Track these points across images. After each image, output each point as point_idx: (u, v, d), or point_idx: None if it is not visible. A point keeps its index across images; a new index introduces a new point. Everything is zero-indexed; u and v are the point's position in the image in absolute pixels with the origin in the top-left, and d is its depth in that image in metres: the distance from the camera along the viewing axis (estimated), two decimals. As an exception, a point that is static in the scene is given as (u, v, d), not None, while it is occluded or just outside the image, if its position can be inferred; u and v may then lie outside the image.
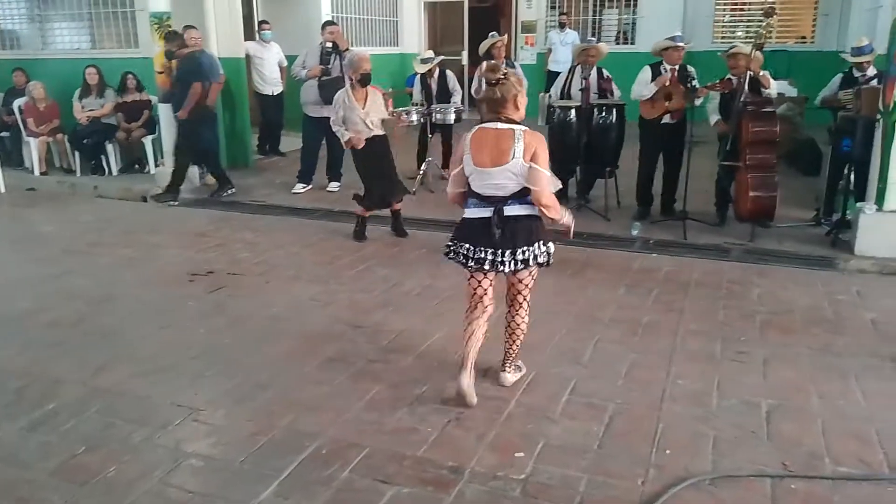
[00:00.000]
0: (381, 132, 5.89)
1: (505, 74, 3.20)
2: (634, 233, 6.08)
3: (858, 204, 5.58)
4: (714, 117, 6.09)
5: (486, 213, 3.20)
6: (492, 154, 3.13)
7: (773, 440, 3.09)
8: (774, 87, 6.00)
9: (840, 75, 6.18)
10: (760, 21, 5.91)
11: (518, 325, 3.44)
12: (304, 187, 7.62)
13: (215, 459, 2.95)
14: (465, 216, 3.32)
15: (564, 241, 3.81)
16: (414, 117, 7.58)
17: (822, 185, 6.30)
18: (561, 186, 3.69)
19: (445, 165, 8.32)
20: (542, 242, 3.29)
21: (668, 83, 6.03)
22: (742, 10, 12.86)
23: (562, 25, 12.15)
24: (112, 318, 4.46)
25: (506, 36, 7.96)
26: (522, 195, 3.18)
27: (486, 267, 3.23)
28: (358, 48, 10.75)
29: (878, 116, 5.31)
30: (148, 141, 8.59)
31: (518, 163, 3.10)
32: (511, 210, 3.19)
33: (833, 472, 2.87)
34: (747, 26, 12.73)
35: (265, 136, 9.88)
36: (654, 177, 6.49)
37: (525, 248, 3.22)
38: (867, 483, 2.82)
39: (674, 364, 3.80)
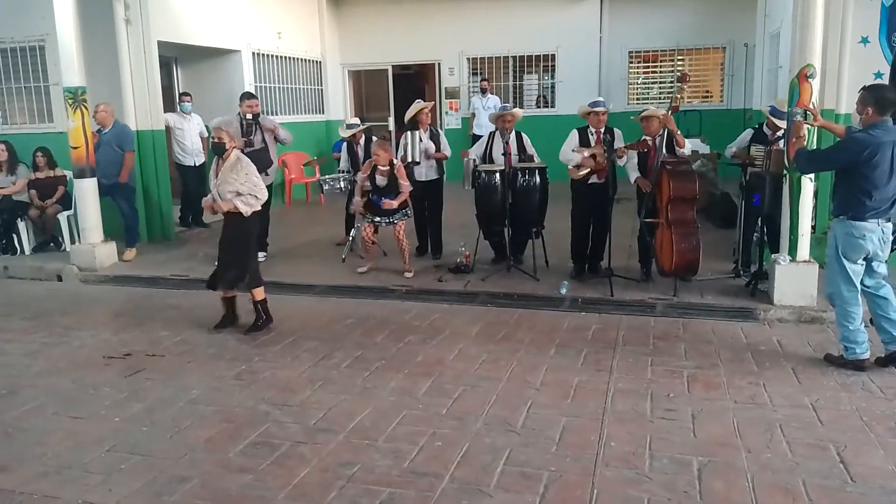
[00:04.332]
0: (236, 209, 5.26)
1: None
2: (563, 291, 6.14)
3: (773, 255, 5.80)
4: (633, 174, 6.29)
5: (359, 206, 6.83)
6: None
7: (706, 499, 3.09)
8: (688, 147, 6.25)
9: (750, 130, 6.49)
10: (674, 85, 6.19)
11: (404, 241, 6.80)
12: (228, 259, 7.43)
13: (127, 564, 2.74)
14: (371, 202, 6.74)
15: (496, 304, 6.00)
16: (341, 184, 7.62)
17: (739, 238, 6.54)
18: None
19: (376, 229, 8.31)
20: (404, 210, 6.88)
21: (594, 153, 6.19)
22: (654, 72, 13.52)
23: (483, 91, 12.50)
24: (16, 411, 4.16)
25: (432, 103, 8.08)
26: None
27: (378, 223, 6.80)
28: (276, 117, 10.79)
29: (785, 172, 5.58)
30: (63, 217, 8.28)
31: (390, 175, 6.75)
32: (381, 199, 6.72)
33: (765, 529, 2.88)
34: (660, 87, 13.37)
35: (187, 207, 9.67)
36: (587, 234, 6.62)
37: (399, 213, 6.80)
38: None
39: (605, 426, 3.79)
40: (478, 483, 3.24)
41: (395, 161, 6.83)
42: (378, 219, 6.83)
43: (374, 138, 8.11)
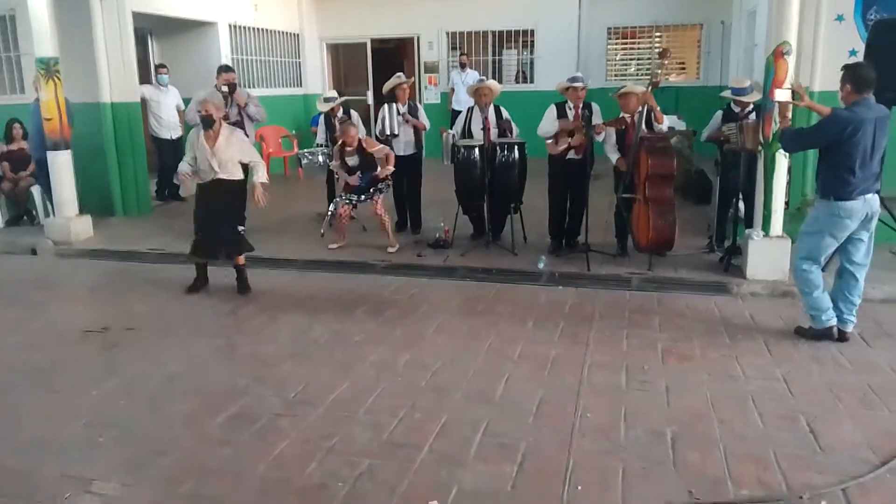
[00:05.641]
0: (233, 177, 5.56)
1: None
2: (541, 266, 6.19)
3: (746, 231, 5.89)
4: (614, 156, 6.30)
5: (356, 181, 6.78)
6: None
7: (679, 469, 3.16)
8: (666, 123, 6.29)
9: (720, 112, 6.55)
10: (655, 61, 6.19)
11: (384, 216, 6.77)
12: (205, 234, 7.37)
13: (108, 535, 2.76)
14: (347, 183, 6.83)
15: (475, 279, 6.05)
16: (320, 158, 7.56)
17: (713, 214, 6.62)
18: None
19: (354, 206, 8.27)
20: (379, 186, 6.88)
21: (571, 126, 6.21)
22: (632, 49, 13.52)
23: (462, 66, 12.43)
24: (-8, 385, 4.14)
25: (412, 79, 8.01)
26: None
27: (354, 202, 6.83)
28: (254, 90, 10.65)
29: (760, 149, 5.64)
30: (37, 191, 8.15)
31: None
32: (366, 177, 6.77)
33: (736, 496, 2.95)
34: (638, 64, 13.38)
35: (164, 181, 9.56)
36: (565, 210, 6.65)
37: (375, 188, 6.82)
38: (767, 505, 2.91)
39: (581, 397, 3.85)
40: (456, 454, 3.29)
41: (360, 137, 6.84)
42: (355, 197, 6.84)
43: (353, 111, 8.05)
